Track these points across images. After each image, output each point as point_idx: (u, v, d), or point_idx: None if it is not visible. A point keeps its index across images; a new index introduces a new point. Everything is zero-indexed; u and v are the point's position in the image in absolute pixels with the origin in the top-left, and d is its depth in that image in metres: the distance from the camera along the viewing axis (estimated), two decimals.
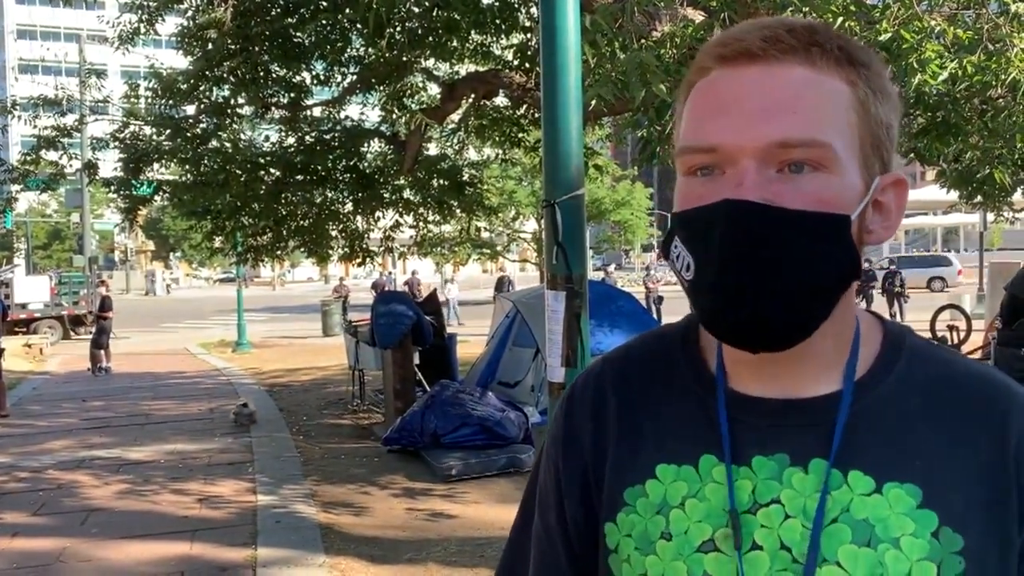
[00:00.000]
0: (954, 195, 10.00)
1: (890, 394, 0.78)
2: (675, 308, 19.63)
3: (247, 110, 9.41)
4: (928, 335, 12.20)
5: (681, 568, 0.77)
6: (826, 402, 0.77)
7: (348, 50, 8.74)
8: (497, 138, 9.97)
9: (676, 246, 0.76)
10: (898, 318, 18.49)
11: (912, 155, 7.28)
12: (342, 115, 9.87)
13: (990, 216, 17.01)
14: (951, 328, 12.19)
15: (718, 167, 0.73)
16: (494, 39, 8.58)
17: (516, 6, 7.79)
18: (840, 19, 4.77)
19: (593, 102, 4.57)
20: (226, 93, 9.00)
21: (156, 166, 9.75)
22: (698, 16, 5.11)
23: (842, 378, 0.78)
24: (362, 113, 10.15)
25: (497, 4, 7.69)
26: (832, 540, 0.73)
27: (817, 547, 0.73)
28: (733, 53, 0.73)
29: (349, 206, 10.62)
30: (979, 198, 9.76)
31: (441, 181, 10.62)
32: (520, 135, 9.83)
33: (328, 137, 9.63)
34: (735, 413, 0.79)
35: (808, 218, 0.71)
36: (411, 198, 10.90)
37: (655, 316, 17.89)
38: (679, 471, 0.80)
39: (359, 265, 11.44)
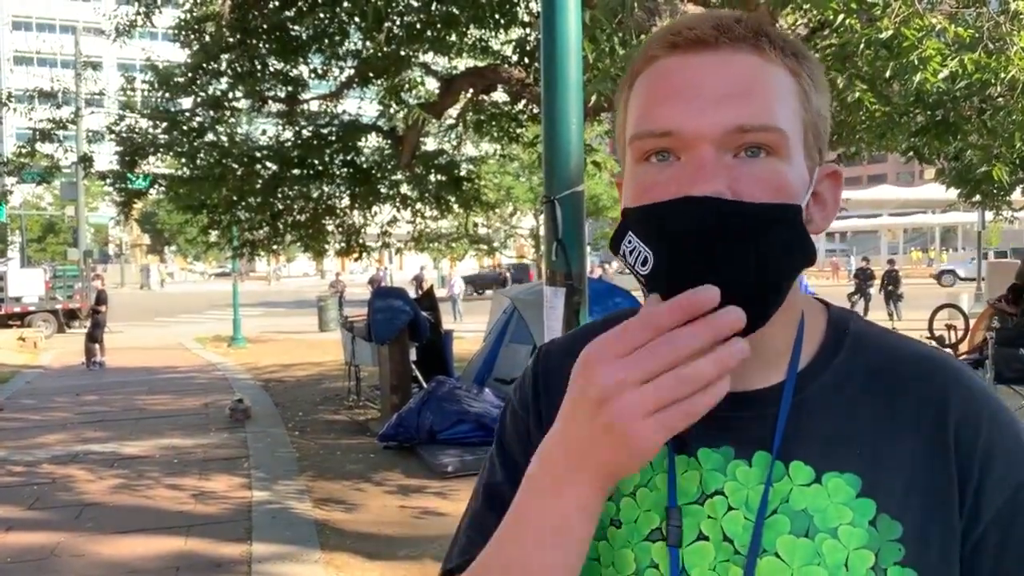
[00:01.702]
0: (953, 193, 10.00)
1: (832, 382, 0.78)
2: None
3: (244, 104, 9.37)
4: (926, 334, 12.23)
5: (629, 556, 0.77)
6: (770, 393, 0.77)
7: (346, 44, 8.71)
8: (495, 133, 9.95)
9: (630, 241, 0.75)
10: (895, 317, 18.52)
11: (911, 153, 7.27)
12: (339, 109, 9.85)
13: (988, 215, 17.01)
14: (949, 327, 12.20)
15: (674, 152, 0.73)
16: (493, 34, 8.55)
17: (515, 1, 7.75)
18: (841, 16, 4.75)
19: (593, 98, 4.55)
20: (223, 86, 8.97)
21: (152, 159, 9.72)
22: (698, 12, 5.08)
23: (786, 369, 0.78)
24: (359, 107, 10.11)
25: None
26: (771, 532, 0.73)
27: (759, 539, 0.73)
28: (685, 41, 0.73)
29: (346, 201, 10.59)
30: (978, 196, 9.75)
31: (438, 176, 10.60)
32: (518, 130, 9.81)
33: (325, 131, 9.61)
34: None
35: (765, 210, 0.70)
36: (408, 193, 10.88)
37: None
38: None
39: (356, 260, 11.42)
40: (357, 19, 7.85)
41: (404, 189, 10.82)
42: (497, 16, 7.80)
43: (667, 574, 0.75)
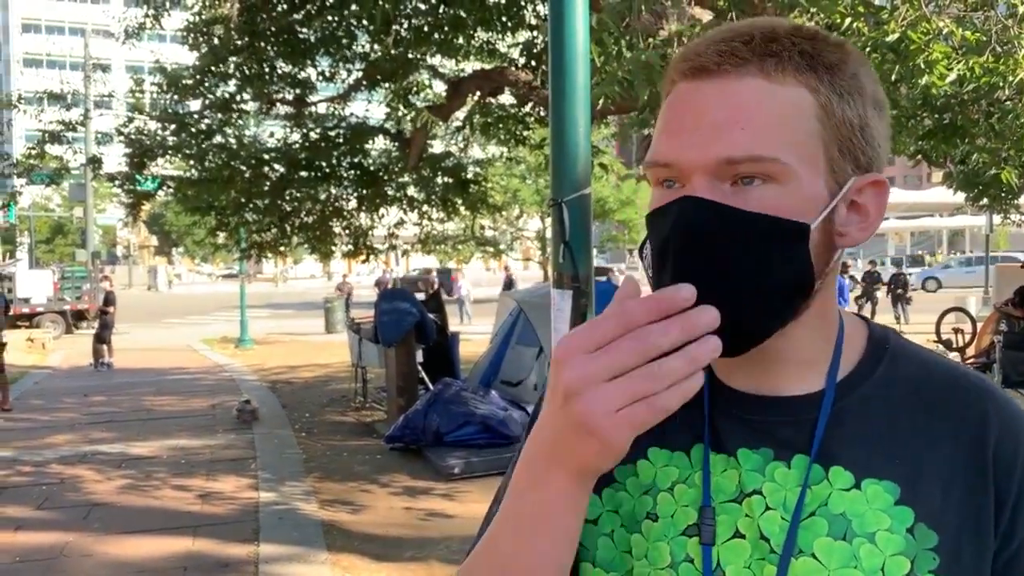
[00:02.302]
0: (960, 197, 9.99)
1: (872, 393, 0.80)
2: None
3: (252, 106, 9.40)
4: (933, 338, 12.18)
5: (664, 549, 0.78)
6: (809, 400, 0.79)
7: (353, 47, 8.73)
8: (502, 136, 9.96)
9: (646, 247, 0.79)
10: (902, 320, 18.45)
11: (919, 156, 7.26)
12: (347, 112, 9.87)
13: (996, 218, 16.97)
14: (956, 331, 12.16)
15: (678, 180, 0.76)
16: (500, 36, 8.56)
17: (522, 3, 7.77)
18: (848, 20, 4.75)
19: (600, 101, 4.56)
20: (231, 89, 9.00)
21: (160, 161, 9.76)
22: (706, 15, 5.09)
23: (825, 378, 0.80)
24: (367, 110, 10.14)
25: (503, 1, 7.68)
26: (808, 533, 0.75)
27: (794, 539, 0.74)
28: (691, 69, 0.76)
29: (353, 203, 10.62)
30: (985, 200, 9.72)
31: (445, 178, 10.62)
32: (525, 133, 9.81)
33: (333, 134, 9.63)
34: (722, 405, 0.81)
35: (757, 219, 0.72)
36: (415, 195, 10.90)
37: None
38: (672, 456, 0.82)
39: (363, 262, 11.45)
40: (365, 22, 7.87)
41: (411, 191, 10.84)
42: (504, 19, 7.82)
43: (701, 570, 0.77)
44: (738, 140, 0.72)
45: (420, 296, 11.21)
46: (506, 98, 9.30)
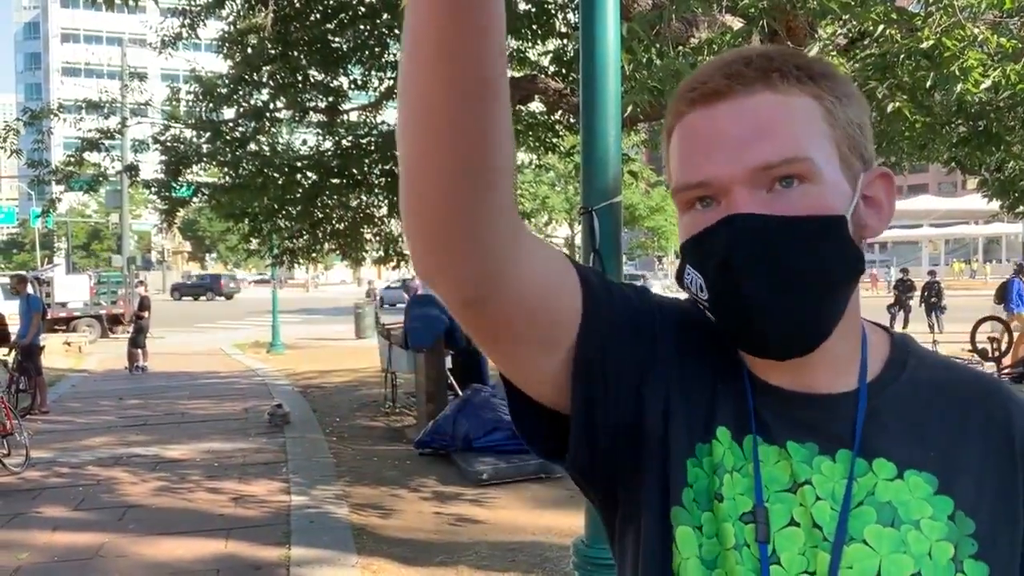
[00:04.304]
0: (995, 205, 9.84)
1: (902, 393, 0.85)
2: None
3: (285, 114, 9.52)
4: (968, 347, 11.98)
5: (729, 530, 0.81)
6: (845, 398, 0.83)
7: (385, 55, 8.81)
8: (532, 143, 9.99)
9: (688, 272, 0.83)
10: (936, 329, 18.18)
11: (953, 164, 7.18)
12: (379, 119, 9.96)
13: None
14: (991, 340, 11.96)
15: (714, 199, 0.80)
16: (530, 45, 8.60)
17: (552, 12, 7.81)
18: (881, 27, 4.73)
19: (629, 108, 4.57)
20: (265, 97, 9.13)
21: (195, 168, 9.91)
22: (736, 23, 5.09)
23: (856, 378, 0.85)
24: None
25: (533, 10, 7.72)
26: (858, 521, 0.79)
27: (845, 527, 0.78)
28: (702, 95, 0.80)
29: (384, 209, 10.69)
30: (1021, 208, 9.57)
31: None
32: (554, 140, 9.84)
33: (364, 141, 9.72)
34: (764, 400, 0.84)
35: (804, 222, 0.77)
36: None
37: None
38: (731, 443, 0.85)
39: (393, 268, 11.52)
40: (397, 31, 7.96)
41: None
42: (535, 27, 7.86)
43: (758, 556, 0.79)
44: (769, 146, 0.77)
45: None
46: (536, 106, 9.34)
